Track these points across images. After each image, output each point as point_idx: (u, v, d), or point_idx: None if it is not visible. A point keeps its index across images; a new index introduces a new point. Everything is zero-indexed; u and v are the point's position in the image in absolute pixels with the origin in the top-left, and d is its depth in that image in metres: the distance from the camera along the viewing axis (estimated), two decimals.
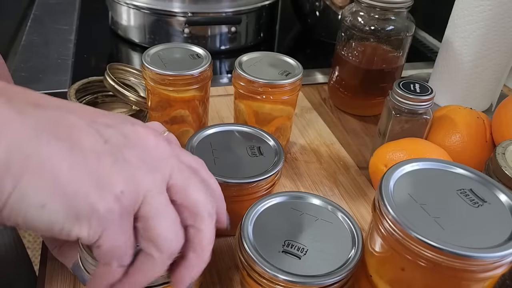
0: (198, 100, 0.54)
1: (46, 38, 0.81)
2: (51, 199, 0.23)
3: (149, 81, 0.51)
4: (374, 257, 0.35)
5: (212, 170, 0.41)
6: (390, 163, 0.48)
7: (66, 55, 0.76)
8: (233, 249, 0.45)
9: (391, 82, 0.63)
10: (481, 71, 0.62)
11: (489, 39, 0.59)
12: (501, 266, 0.30)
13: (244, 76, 0.51)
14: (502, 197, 0.33)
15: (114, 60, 0.84)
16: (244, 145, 0.46)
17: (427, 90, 0.50)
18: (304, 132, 0.64)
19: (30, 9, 0.93)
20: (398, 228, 0.30)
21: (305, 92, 0.73)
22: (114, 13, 0.85)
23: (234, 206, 0.43)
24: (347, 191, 0.54)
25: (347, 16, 0.63)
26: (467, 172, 0.35)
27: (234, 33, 0.82)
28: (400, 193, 0.33)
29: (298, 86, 0.53)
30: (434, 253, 0.29)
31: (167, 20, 0.79)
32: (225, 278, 0.42)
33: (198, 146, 0.45)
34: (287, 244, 0.35)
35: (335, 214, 0.38)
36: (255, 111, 0.53)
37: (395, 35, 0.61)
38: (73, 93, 0.58)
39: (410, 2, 0.59)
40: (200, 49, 0.55)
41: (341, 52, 0.65)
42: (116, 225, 0.25)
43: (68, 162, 0.23)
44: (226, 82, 0.76)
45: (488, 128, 0.53)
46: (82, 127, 0.25)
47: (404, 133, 0.52)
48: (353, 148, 0.62)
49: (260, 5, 0.84)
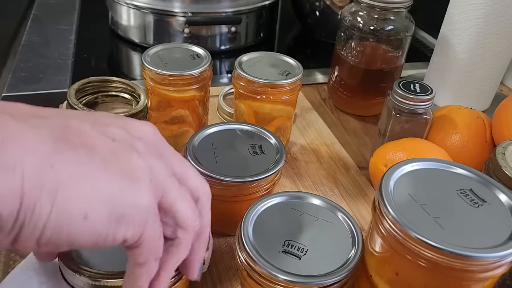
0: (198, 100, 0.54)
1: (46, 38, 0.81)
2: (91, 207, 0.22)
3: (149, 81, 0.51)
4: (374, 257, 0.35)
5: (213, 169, 0.42)
6: (390, 163, 0.48)
7: (66, 55, 0.76)
8: (233, 249, 0.45)
9: (390, 82, 0.64)
10: (474, 70, 0.62)
11: (482, 38, 0.60)
12: (501, 266, 0.30)
13: (244, 76, 0.51)
14: (502, 197, 0.33)
15: (114, 59, 0.84)
16: (245, 143, 0.46)
17: (427, 90, 0.50)
18: (304, 132, 0.64)
19: (30, 9, 0.93)
20: (398, 228, 0.30)
21: (305, 92, 0.73)
22: (114, 13, 0.85)
23: (234, 206, 0.43)
24: (347, 191, 0.54)
25: (346, 16, 0.63)
26: (467, 172, 0.35)
27: (234, 33, 0.82)
28: (400, 193, 0.33)
29: (298, 86, 0.53)
30: (434, 253, 0.29)
31: (167, 20, 0.79)
32: (225, 278, 0.42)
33: (199, 145, 0.45)
34: (287, 244, 0.35)
35: (335, 214, 0.38)
36: (255, 111, 0.53)
37: (394, 35, 0.61)
38: (73, 93, 0.58)
39: (410, 2, 0.59)
40: (200, 49, 0.55)
41: (340, 52, 0.65)
42: (154, 218, 0.25)
43: (93, 166, 0.23)
44: (226, 82, 0.76)
45: (488, 128, 0.53)
46: (88, 130, 0.24)
47: (404, 133, 0.52)
48: (353, 148, 0.62)
49: (260, 5, 0.84)
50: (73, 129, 0.24)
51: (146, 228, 0.24)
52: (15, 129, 0.22)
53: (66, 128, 0.24)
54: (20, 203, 0.21)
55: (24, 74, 0.69)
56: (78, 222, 0.22)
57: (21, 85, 0.67)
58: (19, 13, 0.95)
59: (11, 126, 0.22)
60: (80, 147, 0.23)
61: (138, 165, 0.25)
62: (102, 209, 0.23)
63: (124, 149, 0.25)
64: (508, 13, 0.58)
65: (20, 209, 0.21)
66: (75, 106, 0.56)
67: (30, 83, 0.67)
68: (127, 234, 0.24)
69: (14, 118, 0.22)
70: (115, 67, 0.81)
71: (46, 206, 0.21)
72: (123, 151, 0.25)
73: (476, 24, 0.59)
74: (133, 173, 0.24)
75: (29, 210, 0.21)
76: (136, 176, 0.24)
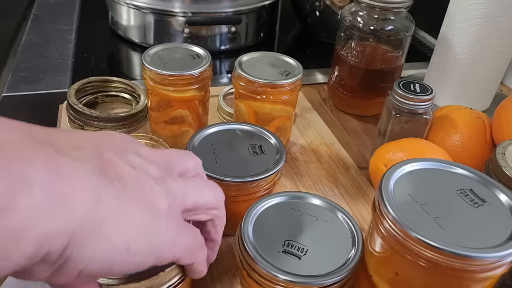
0: (198, 100, 0.54)
1: (46, 38, 0.81)
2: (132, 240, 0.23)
3: (149, 81, 0.51)
4: (374, 257, 0.35)
5: (213, 169, 0.41)
6: (390, 163, 0.48)
7: (66, 55, 0.76)
8: (233, 249, 0.45)
9: (390, 82, 0.64)
10: (474, 70, 0.62)
11: (482, 38, 0.60)
12: (501, 266, 0.30)
13: (244, 76, 0.51)
14: (502, 197, 0.33)
15: (114, 59, 0.84)
16: (245, 143, 0.46)
17: (427, 90, 0.50)
18: (304, 132, 0.64)
19: (30, 9, 0.93)
20: (398, 228, 0.30)
21: (305, 92, 0.73)
22: (114, 13, 0.85)
23: (234, 206, 0.43)
24: (347, 191, 0.54)
25: (346, 16, 0.63)
26: (467, 172, 0.35)
27: (234, 33, 0.82)
28: (400, 193, 0.33)
29: (298, 86, 0.53)
30: (434, 253, 0.29)
31: (167, 20, 0.79)
32: (225, 278, 0.42)
33: (199, 145, 0.45)
34: (287, 244, 0.35)
35: (335, 214, 0.38)
36: (255, 111, 0.53)
37: (394, 35, 0.61)
38: (73, 93, 0.58)
39: (410, 2, 0.59)
40: (200, 49, 0.55)
41: (340, 52, 0.65)
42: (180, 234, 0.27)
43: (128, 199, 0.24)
44: (226, 82, 0.76)
45: (488, 128, 0.53)
46: (115, 160, 0.25)
47: (404, 133, 0.52)
48: (353, 148, 0.62)
49: (260, 5, 0.84)
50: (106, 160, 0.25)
51: (177, 249, 0.27)
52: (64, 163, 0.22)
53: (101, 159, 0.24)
54: (69, 240, 0.21)
55: (24, 74, 0.70)
56: (121, 254, 0.23)
57: (21, 85, 0.67)
58: (19, 13, 0.95)
59: (60, 160, 0.22)
60: (115, 179, 0.24)
61: (157, 193, 0.26)
62: (141, 241, 0.24)
63: (143, 178, 0.26)
64: (508, 13, 0.58)
65: (68, 245, 0.21)
66: (75, 106, 0.56)
67: (30, 83, 0.67)
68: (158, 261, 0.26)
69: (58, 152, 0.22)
70: (115, 67, 0.81)
71: (93, 241, 0.22)
72: (143, 179, 0.26)
73: (476, 24, 0.59)
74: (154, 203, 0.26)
75: (76, 246, 0.21)
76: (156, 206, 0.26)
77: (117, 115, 0.56)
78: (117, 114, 0.57)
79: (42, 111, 0.66)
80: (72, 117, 0.56)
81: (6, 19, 0.94)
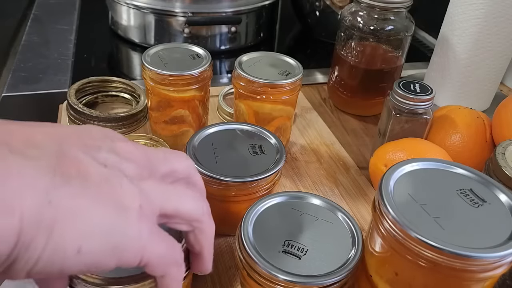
0: (198, 100, 0.54)
1: (46, 38, 0.81)
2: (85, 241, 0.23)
3: (149, 81, 0.51)
4: (374, 257, 0.35)
5: (213, 169, 0.41)
6: (390, 163, 0.48)
7: (66, 55, 0.76)
8: (233, 249, 0.45)
9: (390, 82, 0.64)
10: (474, 70, 0.62)
11: (482, 38, 0.60)
12: (501, 266, 0.30)
13: (244, 76, 0.51)
14: (502, 197, 0.33)
15: (114, 59, 0.84)
16: (245, 143, 0.46)
17: (427, 90, 0.50)
18: (304, 132, 0.64)
19: (30, 9, 0.93)
20: (398, 228, 0.30)
21: (305, 92, 0.73)
22: (114, 13, 0.85)
23: (234, 206, 0.43)
24: (347, 191, 0.54)
25: (346, 16, 0.63)
26: (467, 172, 0.35)
27: (234, 33, 0.82)
28: (400, 193, 0.33)
29: (298, 86, 0.53)
30: (434, 253, 0.29)
31: (167, 20, 0.79)
32: (225, 278, 0.42)
33: (199, 145, 0.45)
34: (287, 244, 0.35)
35: (335, 214, 0.38)
36: (255, 111, 0.53)
37: (394, 35, 0.61)
38: (73, 93, 0.58)
39: (410, 2, 0.59)
40: (200, 49, 0.55)
41: (340, 52, 0.65)
42: (152, 238, 0.25)
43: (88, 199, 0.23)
44: (226, 82, 0.76)
45: (488, 128, 0.53)
46: (82, 158, 0.24)
47: (404, 133, 0.52)
48: (353, 148, 0.62)
49: (260, 5, 0.84)
50: (68, 158, 0.24)
51: (144, 252, 0.25)
52: (14, 164, 0.22)
53: (61, 157, 0.24)
54: (17, 241, 0.21)
55: (24, 74, 0.70)
56: (71, 256, 0.22)
57: (21, 85, 0.67)
58: (19, 13, 0.95)
59: (10, 161, 0.22)
60: (75, 178, 0.23)
61: (128, 192, 0.25)
62: (95, 242, 0.23)
63: (115, 176, 0.25)
64: (508, 13, 0.58)
65: (15, 247, 0.21)
66: (75, 106, 0.56)
67: (30, 83, 0.67)
68: (121, 262, 0.24)
69: (11, 151, 0.22)
70: (115, 67, 0.81)
71: (40, 243, 0.21)
72: (114, 177, 0.25)
73: (476, 24, 0.59)
74: (123, 201, 0.24)
75: (23, 247, 0.21)
76: (125, 204, 0.24)
77: (117, 115, 0.56)
78: (117, 114, 0.57)
79: (42, 111, 0.66)
80: (72, 117, 0.56)
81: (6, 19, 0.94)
